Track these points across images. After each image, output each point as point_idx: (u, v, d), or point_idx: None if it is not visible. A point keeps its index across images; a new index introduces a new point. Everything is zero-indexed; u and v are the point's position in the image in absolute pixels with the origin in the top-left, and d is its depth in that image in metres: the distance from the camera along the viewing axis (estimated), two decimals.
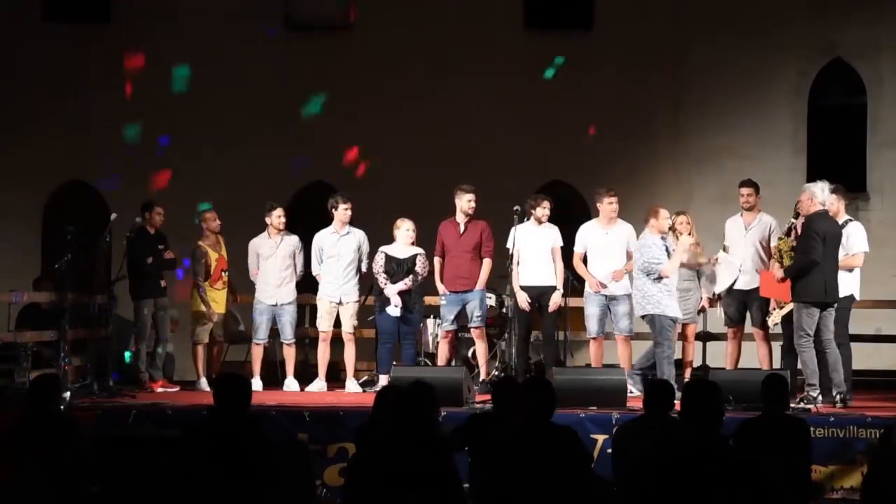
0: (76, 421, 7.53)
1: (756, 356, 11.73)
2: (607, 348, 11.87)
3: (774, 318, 11.26)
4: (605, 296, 11.58)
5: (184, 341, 12.55)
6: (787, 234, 11.21)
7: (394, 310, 11.69)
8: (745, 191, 11.72)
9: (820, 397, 10.37)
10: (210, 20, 16.11)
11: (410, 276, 11.76)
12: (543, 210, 11.78)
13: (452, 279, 11.78)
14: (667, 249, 11.18)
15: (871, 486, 7.02)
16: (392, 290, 11.71)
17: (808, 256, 10.37)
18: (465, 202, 11.79)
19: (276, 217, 12.23)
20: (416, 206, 13.23)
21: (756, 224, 11.64)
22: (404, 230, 11.90)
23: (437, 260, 11.89)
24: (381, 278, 11.80)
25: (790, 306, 11.07)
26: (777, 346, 11.75)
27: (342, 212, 12.02)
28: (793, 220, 11.09)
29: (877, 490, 6.77)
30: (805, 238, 10.48)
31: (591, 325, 11.65)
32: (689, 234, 11.70)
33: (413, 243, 11.91)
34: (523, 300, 11.52)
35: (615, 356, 11.81)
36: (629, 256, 11.50)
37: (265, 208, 12.30)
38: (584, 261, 11.72)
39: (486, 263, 11.79)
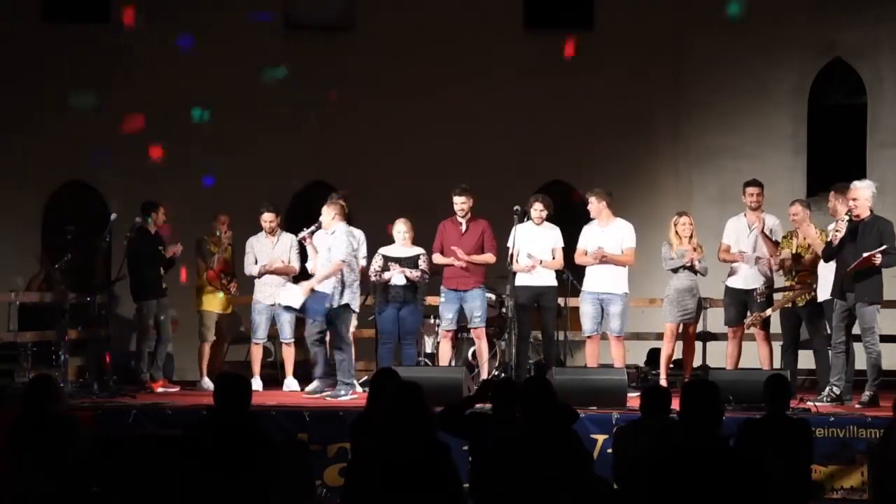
0: (76, 421, 7.51)
1: (756, 356, 11.73)
2: (603, 348, 11.89)
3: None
4: (599, 295, 11.62)
5: (184, 341, 12.55)
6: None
7: (397, 276, 11.63)
8: (754, 190, 11.71)
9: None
10: (209, 20, 16.10)
11: (418, 270, 11.68)
12: (536, 211, 11.80)
13: (453, 278, 11.77)
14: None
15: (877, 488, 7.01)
16: (395, 271, 11.67)
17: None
18: (456, 204, 11.79)
19: (266, 222, 12.24)
20: (416, 206, 13.23)
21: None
22: (396, 231, 11.88)
23: (436, 256, 11.86)
24: (380, 276, 11.75)
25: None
26: (777, 346, 11.75)
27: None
28: (845, 217, 10.88)
29: (881, 491, 6.77)
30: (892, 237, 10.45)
31: (586, 323, 11.71)
32: (691, 236, 11.72)
33: (412, 243, 11.89)
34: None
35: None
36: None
37: (261, 209, 12.32)
38: None
39: (488, 255, 11.80)
